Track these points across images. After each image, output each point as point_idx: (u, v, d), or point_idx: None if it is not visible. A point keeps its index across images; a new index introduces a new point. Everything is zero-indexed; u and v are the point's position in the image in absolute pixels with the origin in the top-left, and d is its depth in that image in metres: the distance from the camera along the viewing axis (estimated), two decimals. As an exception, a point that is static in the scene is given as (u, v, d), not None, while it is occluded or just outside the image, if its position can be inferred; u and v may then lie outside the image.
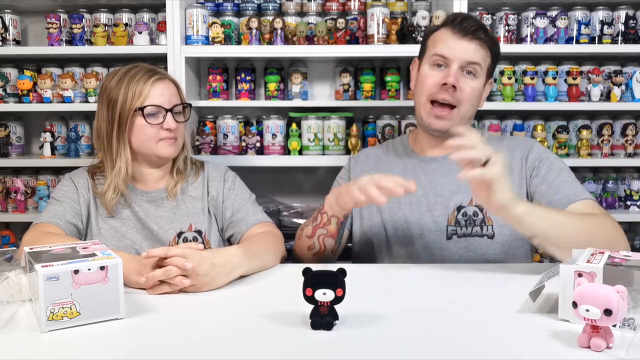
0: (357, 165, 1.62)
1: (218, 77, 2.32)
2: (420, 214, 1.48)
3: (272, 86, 2.32)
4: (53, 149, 2.33)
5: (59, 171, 2.39)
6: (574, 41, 2.25)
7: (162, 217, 1.50)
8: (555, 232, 1.20)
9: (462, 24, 1.42)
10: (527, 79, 2.25)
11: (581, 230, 1.21)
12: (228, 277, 1.20)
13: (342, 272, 0.94)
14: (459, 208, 1.46)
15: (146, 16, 2.33)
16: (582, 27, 2.25)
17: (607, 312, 0.82)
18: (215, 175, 1.57)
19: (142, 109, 1.42)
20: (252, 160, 2.27)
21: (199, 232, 1.51)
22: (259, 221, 1.51)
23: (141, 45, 2.22)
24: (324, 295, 0.92)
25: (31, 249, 1.06)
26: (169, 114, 1.45)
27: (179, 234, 1.50)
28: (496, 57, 1.50)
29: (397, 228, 1.48)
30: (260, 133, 2.32)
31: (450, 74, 1.41)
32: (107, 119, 1.45)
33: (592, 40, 2.26)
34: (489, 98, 2.30)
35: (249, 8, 2.34)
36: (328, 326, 0.95)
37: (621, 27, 2.25)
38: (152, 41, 2.28)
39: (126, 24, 2.28)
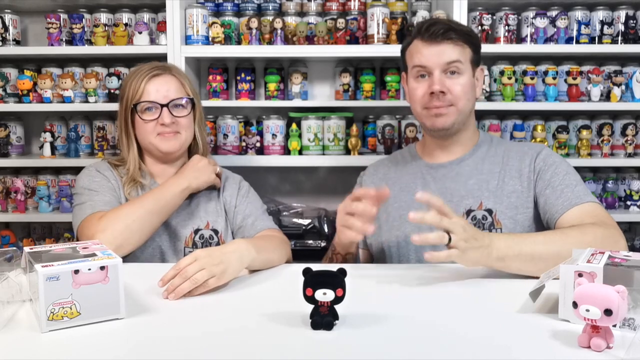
0: (368, 178, 1.64)
1: (218, 77, 2.32)
2: None
3: (272, 86, 2.32)
4: (53, 149, 2.33)
5: (59, 171, 2.39)
6: (574, 41, 2.25)
7: (180, 212, 1.52)
8: (532, 268, 1.19)
9: (429, 30, 1.44)
10: (527, 79, 2.25)
11: (563, 250, 1.16)
12: (241, 263, 1.22)
13: (342, 272, 0.94)
14: (468, 212, 1.45)
15: (146, 16, 2.33)
16: (582, 27, 2.25)
17: (607, 312, 0.82)
18: (230, 182, 1.62)
19: (136, 105, 1.47)
20: (252, 160, 2.27)
21: (216, 232, 1.54)
22: (267, 227, 1.54)
23: (141, 45, 2.23)
24: (324, 295, 0.92)
25: (31, 249, 1.07)
26: (164, 109, 1.47)
27: (196, 231, 1.52)
28: (476, 45, 1.49)
29: (408, 234, 1.48)
30: (260, 133, 2.32)
31: (434, 81, 1.43)
32: (120, 116, 1.53)
33: (592, 40, 2.26)
34: (489, 98, 2.30)
35: (249, 8, 2.34)
36: (328, 326, 0.95)
37: (621, 27, 2.25)
38: (152, 41, 2.28)
39: (126, 24, 2.28)
